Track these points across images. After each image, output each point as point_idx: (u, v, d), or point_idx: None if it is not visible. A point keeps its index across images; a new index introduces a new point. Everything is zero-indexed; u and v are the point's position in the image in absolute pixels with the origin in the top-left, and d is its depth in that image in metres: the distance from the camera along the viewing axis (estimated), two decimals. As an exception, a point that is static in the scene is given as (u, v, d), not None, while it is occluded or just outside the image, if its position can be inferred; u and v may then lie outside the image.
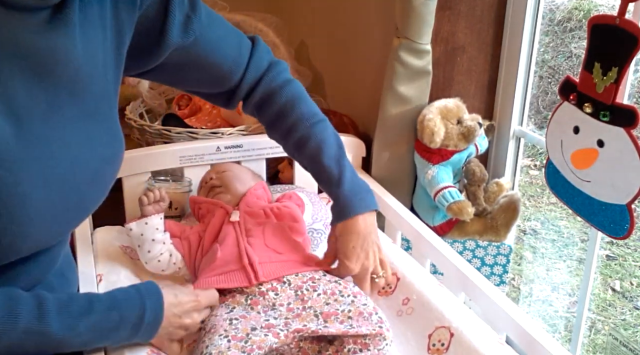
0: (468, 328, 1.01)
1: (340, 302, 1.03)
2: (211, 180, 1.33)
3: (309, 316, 1.01)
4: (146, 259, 1.17)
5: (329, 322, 0.99)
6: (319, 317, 1.01)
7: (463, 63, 1.49)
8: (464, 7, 1.43)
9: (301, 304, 1.04)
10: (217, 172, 1.35)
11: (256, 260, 1.09)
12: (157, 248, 1.16)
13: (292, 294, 1.06)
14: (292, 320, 1.00)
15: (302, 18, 2.13)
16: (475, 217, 1.40)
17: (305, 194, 1.46)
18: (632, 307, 1.97)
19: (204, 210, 1.26)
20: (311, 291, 1.06)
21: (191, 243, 1.19)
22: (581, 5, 2.33)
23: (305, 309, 1.03)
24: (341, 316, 1.00)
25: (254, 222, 1.18)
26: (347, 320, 0.99)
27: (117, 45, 0.89)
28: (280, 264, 1.10)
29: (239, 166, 1.42)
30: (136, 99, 2.00)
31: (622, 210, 1.00)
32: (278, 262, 1.11)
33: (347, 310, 1.01)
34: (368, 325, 0.98)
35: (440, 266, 1.22)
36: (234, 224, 1.18)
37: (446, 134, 1.39)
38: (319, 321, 1.00)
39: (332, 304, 1.03)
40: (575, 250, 2.23)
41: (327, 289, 1.06)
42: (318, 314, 1.01)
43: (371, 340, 0.98)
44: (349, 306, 1.02)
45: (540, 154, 2.47)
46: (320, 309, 1.02)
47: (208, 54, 1.03)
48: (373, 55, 1.66)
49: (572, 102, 1.07)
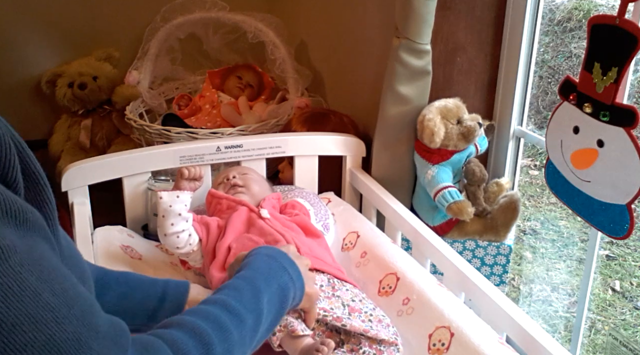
0: (468, 328, 1.01)
1: (364, 304, 1.09)
2: (234, 178, 1.35)
3: (337, 302, 1.06)
4: (166, 231, 1.18)
5: (353, 317, 1.03)
6: (345, 307, 1.05)
7: (463, 63, 1.49)
8: (464, 7, 1.43)
9: (332, 290, 1.09)
10: (240, 173, 1.38)
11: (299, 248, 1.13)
12: (181, 224, 1.18)
13: (326, 279, 1.11)
14: (322, 299, 1.05)
15: (302, 18, 2.13)
16: (475, 217, 1.40)
17: (305, 194, 1.47)
18: (632, 307, 1.97)
19: (223, 205, 1.29)
20: (340, 285, 1.12)
21: (210, 230, 1.22)
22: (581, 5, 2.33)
23: (334, 295, 1.08)
24: (363, 316, 1.05)
25: (280, 224, 1.22)
26: (368, 322, 1.04)
27: None
28: (315, 258, 1.14)
29: (256, 172, 1.46)
30: (136, 99, 2.00)
31: (622, 210, 1.00)
32: (312, 256, 1.15)
33: (369, 313, 1.06)
34: (386, 333, 1.03)
35: (440, 266, 1.22)
36: (266, 220, 1.22)
37: (446, 134, 1.39)
38: (345, 310, 1.04)
39: (357, 302, 1.08)
40: (575, 250, 2.23)
41: (354, 290, 1.13)
42: (345, 305, 1.06)
43: (386, 348, 1.02)
44: (371, 310, 1.07)
45: (540, 154, 2.47)
46: (347, 302, 1.07)
47: None
48: (373, 55, 1.66)
49: (572, 102, 1.07)
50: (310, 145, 1.56)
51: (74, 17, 2.08)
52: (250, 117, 1.90)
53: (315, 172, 1.59)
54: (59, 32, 2.10)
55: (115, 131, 2.15)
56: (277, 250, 0.94)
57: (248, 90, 2.12)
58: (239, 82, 2.13)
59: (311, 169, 1.58)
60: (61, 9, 2.05)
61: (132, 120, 1.82)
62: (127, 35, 2.13)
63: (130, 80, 2.01)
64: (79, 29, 2.10)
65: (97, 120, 2.11)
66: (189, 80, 2.22)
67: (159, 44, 2.00)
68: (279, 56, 1.90)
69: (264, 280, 0.85)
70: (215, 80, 2.14)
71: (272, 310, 0.85)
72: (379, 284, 1.22)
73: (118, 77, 2.08)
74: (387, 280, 1.21)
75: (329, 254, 1.25)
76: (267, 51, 1.92)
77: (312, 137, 1.58)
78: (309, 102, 1.88)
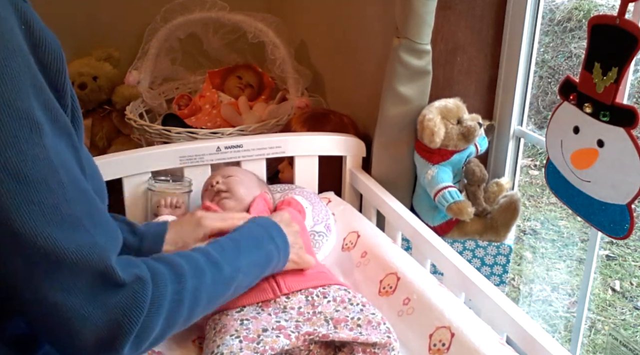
0: (469, 328, 1.01)
1: (349, 310, 1.04)
2: (217, 184, 1.31)
3: (319, 320, 1.02)
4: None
5: (339, 328, 1.00)
6: (329, 322, 1.01)
7: (463, 63, 1.49)
8: (464, 7, 1.43)
9: (311, 308, 1.05)
10: (223, 177, 1.34)
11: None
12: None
13: (303, 298, 1.07)
14: (302, 323, 1.01)
15: (302, 18, 2.13)
16: (475, 217, 1.40)
17: (305, 194, 1.46)
18: (632, 307, 1.97)
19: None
20: (321, 298, 1.07)
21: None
22: (581, 5, 2.33)
23: (316, 314, 1.04)
24: (350, 323, 1.01)
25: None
26: (356, 328, 1.00)
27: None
28: (299, 275, 1.11)
29: (244, 171, 1.42)
30: (136, 99, 2.00)
31: (622, 210, 1.00)
32: (296, 274, 1.11)
33: (357, 318, 1.02)
34: (377, 334, 0.99)
35: (440, 266, 1.22)
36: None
37: (446, 134, 1.39)
38: (329, 326, 1.00)
39: (341, 311, 1.04)
40: (575, 250, 2.23)
41: (337, 296, 1.08)
42: (328, 320, 1.02)
43: (380, 350, 0.99)
44: (358, 314, 1.03)
45: (540, 154, 2.47)
46: (330, 315, 1.03)
47: None
48: (373, 56, 1.66)
49: (572, 102, 1.07)
50: (310, 145, 1.56)
51: (73, 17, 2.08)
52: (250, 117, 1.90)
53: (315, 172, 1.59)
54: (58, 32, 2.07)
55: (115, 131, 2.14)
56: (269, 221, 1.05)
57: (248, 90, 2.12)
58: (239, 82, 2.13)
59: (311, 169, 1.58)
60: (61, 8, 2.05)
61: (132, 120, 1.82)
62: (127, 35, 2.13)
63: (130, 80, 2.01)
64: (79, 29, 2.10)
65: (97, 120, 2.11)
66: (189, 80, 2.22)
67: (159, 44, 2.00)
68: (279, 56, 1.90)
69: (249, 245, 0.95)
70: (215, 80, 2.14)
71: (252, 273, 0.95)
72: (379, 284, 1.22)
73: (118, 77, 2.08)
74: (388, 280, 1.21)
75: (309, 252, 1.21)
76: (267, 51, 1.92)
77: (312, 137, 1.58)
78: (309, 102, 1.88)
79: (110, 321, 0.68)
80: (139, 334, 0.71)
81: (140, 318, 0.71)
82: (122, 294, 0.70)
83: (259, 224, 1.02)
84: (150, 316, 0.72)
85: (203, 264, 0.84)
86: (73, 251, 0.66)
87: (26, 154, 0.63)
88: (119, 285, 0.69)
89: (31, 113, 0.64)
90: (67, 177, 0.67)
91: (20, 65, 0.64)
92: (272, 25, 1.92)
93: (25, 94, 0.64)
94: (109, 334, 0.69)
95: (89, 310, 0.67)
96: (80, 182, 0.70)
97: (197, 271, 0.82)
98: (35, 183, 0.63)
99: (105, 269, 0.68)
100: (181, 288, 0.78)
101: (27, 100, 0.64)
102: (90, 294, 0.67)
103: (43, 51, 0.68)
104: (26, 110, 0.64)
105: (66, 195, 0.66)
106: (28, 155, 0.63)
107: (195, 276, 0.81)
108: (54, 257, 0.64)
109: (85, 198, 0.70)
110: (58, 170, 0.66)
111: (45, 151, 0.65)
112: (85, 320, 0.67)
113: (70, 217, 0.66)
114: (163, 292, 0.75)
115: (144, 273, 0.73)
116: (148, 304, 0.72)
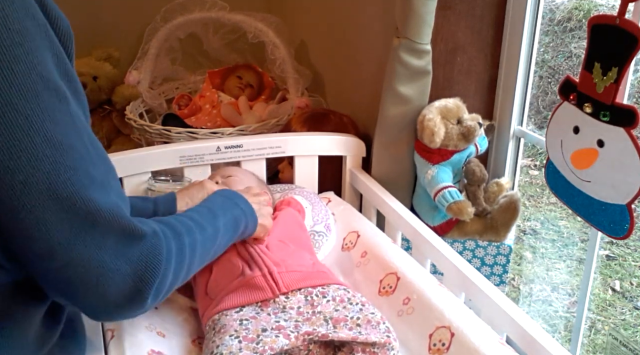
0: (469, 328, 1.01)
1: (349, 310, 1.04)
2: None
3: (318, 320, 1.02)
4: None
5: (338, 328, 0.99)
6: (328, 322, 1.01)
7: (463, 63, 1.49)
8: (464, 7, 1.43)
9: (311, 308, 1.05)
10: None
11: (275, 270, 1.09)
12: None
13: (302, 298, 1.06)
14: (302, 323, 1.01)
15: (302, 18, 2.13)
16: (475, 217, 1.40)
17: (305, 194, 1.46)
18: (632, 307, 1.97)
19: None
20: (320, 297, 1.07)
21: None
22: (581, 5, 2.33)
23: (315, 313, 1.03)
24: (350, 323, 1.01)
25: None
26: (355, 328, 1.00)
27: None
28: (298, 274, 1.10)
29: (244, 171, 1.42)
30: (136, 99, 2.00)
31: (622, 210, 1.00)
32: (288, 271, 1.11)
33: (356, 318, 1.02)
34: (376, 333, 0.99)
35: (440, 266, 1.22)
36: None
37: (446, 134, 1.39)
38: (329, 326, 1.00)
39: (341, 311, 1.04)
40: (575, 250, 2.23)
41: (336, 295, 1.07)
42: (327, 319, 1.02)
43: (380, 349, 0.98)
44: (357, 314, 1.03)
45: (540, 154, 2.47)
46: (330, 314, 1.03)
47: None
48: (373, 56, 1.66)
49: (572, 102, 1.07)
50: (310, 145, 1.56)
51: (73, 17, 2.06)
52: (250, 117, 1.90)
53: (315, 172, 1.59)
54: (58, 32, 2.10)
55: (115, 131, 2.15)
56: (232, 192, 1.12)
57: (248, 90, 2.12)
58: (239, 82, 2.13)
59: (311, 169, 1.58)
60: (61, 8, 2.05)
61: (132, 120, 1.82)
62: (127, 35, 2.13)
63: (130, 80, 2.01)
64: (78, 28, 2.08)
65: (97, 120, 2.11)
66: (189, 80, 2.22)
67: (159, 44, 2.00)
68: (279, 56, 1.90)
69: (218, 209, 1.02)
70: (215, 80, 2.14)
71: (228, 233, 1.02)
72: (379, 283, 1.22)
73: (118, 77, 2.08)
74: (388, 280, 1.21)
75: (308, 251, 1.21)
76: (267, 51, 1.92)
77: (312, 137, 1.58)
78: (309, 102, 1.88)
79: (135, 273, 0.75)
80: (158, 285, 0.79)
81: (160, 269, 0.78)
82: (143, 247, 0.77)
83: (222, 195, 1.09)
84: (166, 268, 0.80)
85: (191, 224, 0.91)
86: (106, 210, 0.72)
87: (60, 122, 0.69)
88: (140, 238, 0.76)
89: (58, 83, 0.70)
90: (90, 142, 0.73)
91: (43, 36, 0.69)
92: (272, 25, 1.92)
93: (51, 64, 0.69)
94: (135, 286, 0.76)
95: (117, 264, 0.73)
96: (99, 145, 0.76)
97: (189, 230, 0.89)
98: (70, 149, 0.69)
99: (128, 225, 0.75)
100: (181, 243, 0.85)
101: (53, 71, 0.69)
102: (118, 249, 0.74)
103: (58, 27, 0.74)
104: (54, 81, 0.69)
105: (93, 159, 0.73)
106: (61, 124, 0.69)
107: (188, 234, 0.88)
108: (91, 217, 0.71)
109: (106, 160, 0.77)
110: (82, 136, 0.72)
111: (72, 118, 0.71)
112: (114, 274, 0.73)
113: (98, 179, 0.72)
114: (170, 246, 0.82)
115: (157, 228, 0.81)
116: (165, 256, 0.79)
